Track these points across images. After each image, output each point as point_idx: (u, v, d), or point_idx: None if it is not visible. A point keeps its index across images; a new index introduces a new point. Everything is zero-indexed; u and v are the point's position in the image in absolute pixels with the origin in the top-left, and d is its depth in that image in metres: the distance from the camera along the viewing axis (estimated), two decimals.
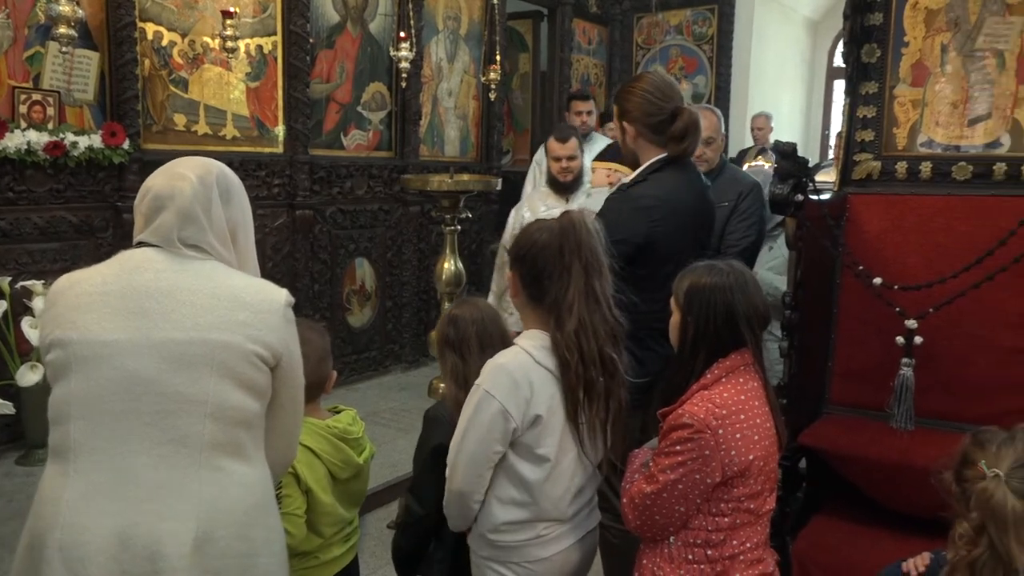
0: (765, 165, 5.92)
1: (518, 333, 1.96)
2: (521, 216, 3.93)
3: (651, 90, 2.42)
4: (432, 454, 2.01)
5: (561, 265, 1.82)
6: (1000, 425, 1.87)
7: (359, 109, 5.30)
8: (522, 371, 1.78)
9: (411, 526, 2.11)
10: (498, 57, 5.76)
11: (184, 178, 1.52)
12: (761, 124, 6.93)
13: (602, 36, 7.62)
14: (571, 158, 3.84)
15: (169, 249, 1.50)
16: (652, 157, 2.46)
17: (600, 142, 4.78)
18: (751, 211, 3.27)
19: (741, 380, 1.82)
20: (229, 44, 4.11)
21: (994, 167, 2.77)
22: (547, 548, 1.86)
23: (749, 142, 7.05)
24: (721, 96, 7.16)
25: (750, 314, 1.83)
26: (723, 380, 1.81)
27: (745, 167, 5.82)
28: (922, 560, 1.82)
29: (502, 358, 1.82)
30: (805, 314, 2.71)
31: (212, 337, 1.45)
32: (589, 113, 5.29)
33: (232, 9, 4.09)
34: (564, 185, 3.88)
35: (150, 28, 4.13)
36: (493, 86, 5.75)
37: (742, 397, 1.79)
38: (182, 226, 1.50)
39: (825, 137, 8.42)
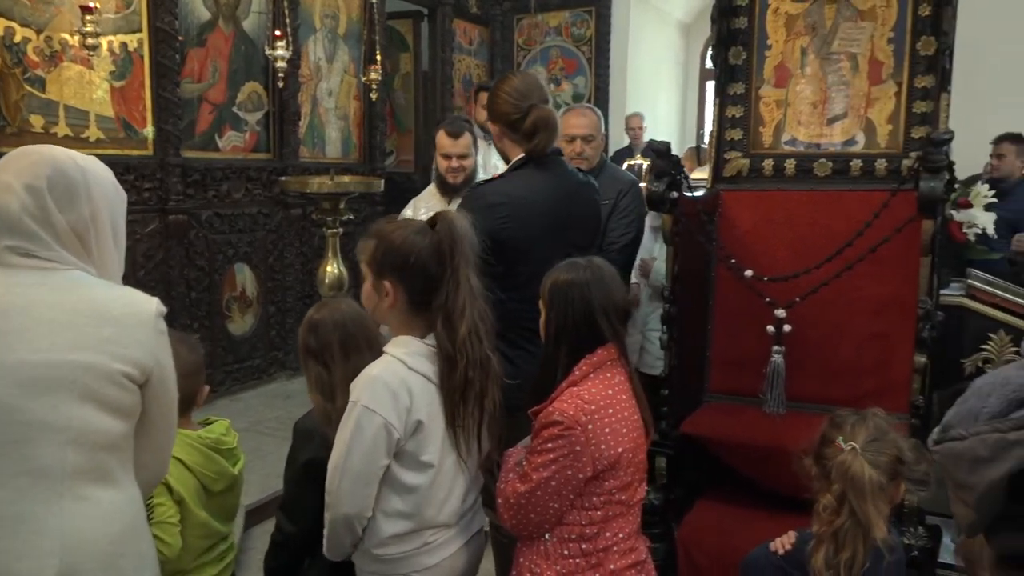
0: (645, 164, 6.09)
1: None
2: (404, 217, 3.68)
3: (509, 90, 2.45)
4: (304, 469, 1.94)
5: (451, 268, 1.80)
6: (860, 405, 2.01)
7: (234, 110, 5.12)
8: (398, 380, 1.75)
9: (282, 545, 2.01)
10: (378, 57, 5.69)
11: (9, 190, 1.36)
12: (636, 124, 7.13)
13: (483, 37, 7.66)
14: (463, 156, 3.40)
15: (17, 263, 1.36)
16: (517, 156, 2.48)
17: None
18: (630, 208, 3.35)
19: (608, 375, 1.87)
20: (90, 41, 3.88)
21: (851, 163, 2.95)
22: (435, 555, 1.84)
23: (627, 142, 7.24)
24: (600, 96, 7.32)
25: (608, 308, 1.87)
26: (591, 376, 1.85)
27: (624, 166, 5.97)
28: (788, 539, 1.91)
29: (374, 369, 1.77)
30: (683, 307, 2.81)
31: (72, 358, 1.34)
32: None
33: (92, 4, 3.87)
34: (452, 187, 3.43)
35: (0, 24, 3.86)
36: (374, 86, 5.68)
37: (610, 392, 1.84)
38: (18, 245, 1.36)
39: (700, 136, 8.76)
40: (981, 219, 3.42)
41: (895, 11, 2.87)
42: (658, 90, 8.28)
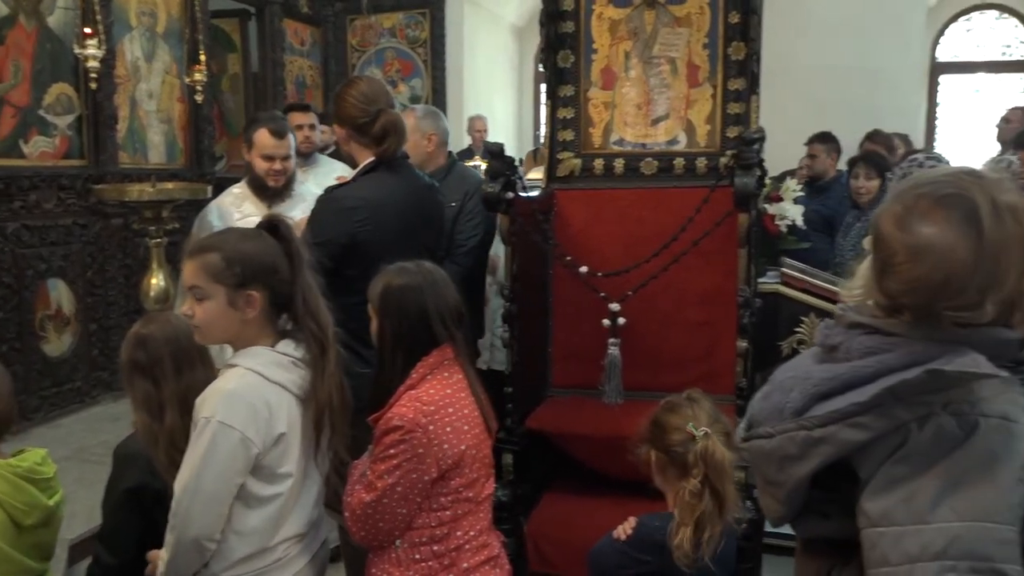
0: (483, 165, 6.14)
1: None
2: (209, 224, 3.25)
3: (357, 94, 2.48)
4: (125, 495, 1.83)
5: (298, 270, 1.76)
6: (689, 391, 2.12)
7: (41, 112, 4.71)
8: (255, 392, 1.68)
9: None
10: (202, 57, 5.42)
11: None
12: (480, 126, 7.20)
13: (315, 37, 7.47)
14: (286, 158, 3.21)
15: None
16: (366, 159, 2.50)
17: (326, 166, 4.03)
18: (477, 211, 3.34)
19: (446, 374, 1.88)
20: None
21: (674, 162, 3.11)
22: (286, 570, 1.78)
23: (467, 143, 7.29)
24: (437, 99, 7.33)
25: (443, 312, 1.89)
26: (428, 378, 1.86)
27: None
28: (628, 525, 1.97)
29: (228, 383, 1.69)
30: (523, 304, 2.86)
31: None
32: (312, 127, 4.17)
33: None
34: (272, 190, 3.21)
35: None
36: (199, 87, 5.40)
37: (448, 391, 1.85)
38: None
39: (536, 138, 8.95)
40: (791, 212, 3.69)
41: (708, 18, 3.05)
42: (494, 92, 8.40)
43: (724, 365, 2.79)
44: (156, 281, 3.93)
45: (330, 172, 3.63)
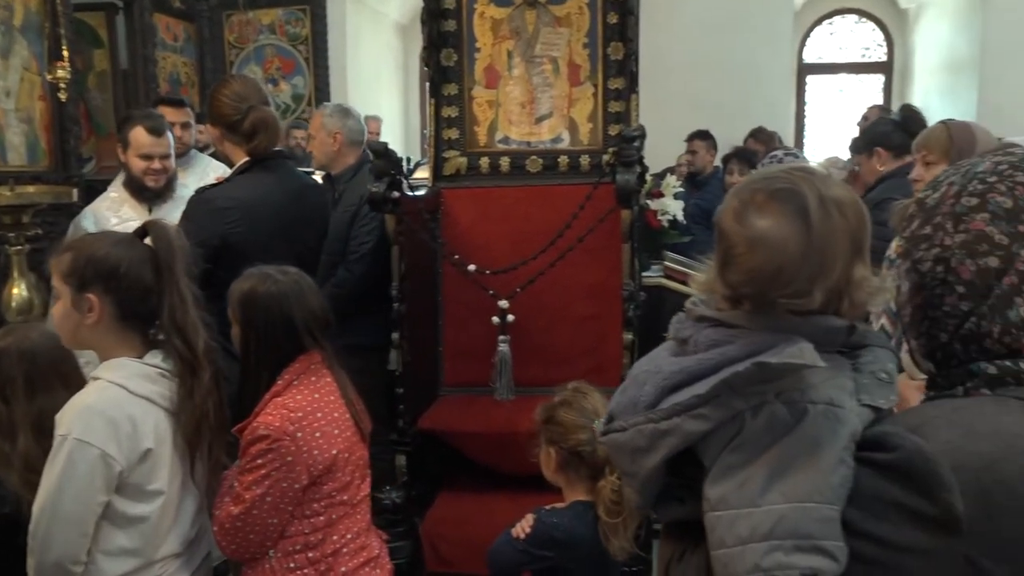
0: None
1: None
2: (83, 231, 3.02)
3: (229, 93, 2.46)
4: None
5: (170, 279, 1.68)
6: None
7: None
8: (117, 407, 1.60)
9: None
10: (65, 52, 5.10)
11: None
12: (375, 128, 7.09)
13: (190, 33, 7.17)
14: (165, 157, 3.04)
15: None
16: (240, 159, 2.46)
17: (201, 164, 3.74)
18: (372, 215, 3.26)
19: (313, 379, 1.86)
20: None
21: (559, 160, 3.16)
22: None
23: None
24: (321, 98, 7.16)
25: (308, 321, 1.86)
26: (295, 384, 1.83)
27: None
28: (527, 523, 1.97)
29: (86, 398, 1.61)
30: (413, 304, 2.84)
31: None
32: (185, 126, 3.81)
33: None
34: (152, 192, 3.04)
35: None
36: (62, 85, 5.07)
37: (316, 396, 1.83)
38: None
39: (424, 136, 8.90)
40: (672, 207, 3.82)
41: (588, 18, 3.11)
42: (380, 91, 8.29)
43: (612, 358, 2.85)
44: (18, 291, 3.69)
45: (208, 171, 3.47)
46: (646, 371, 0.97)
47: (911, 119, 3.20)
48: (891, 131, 3.26)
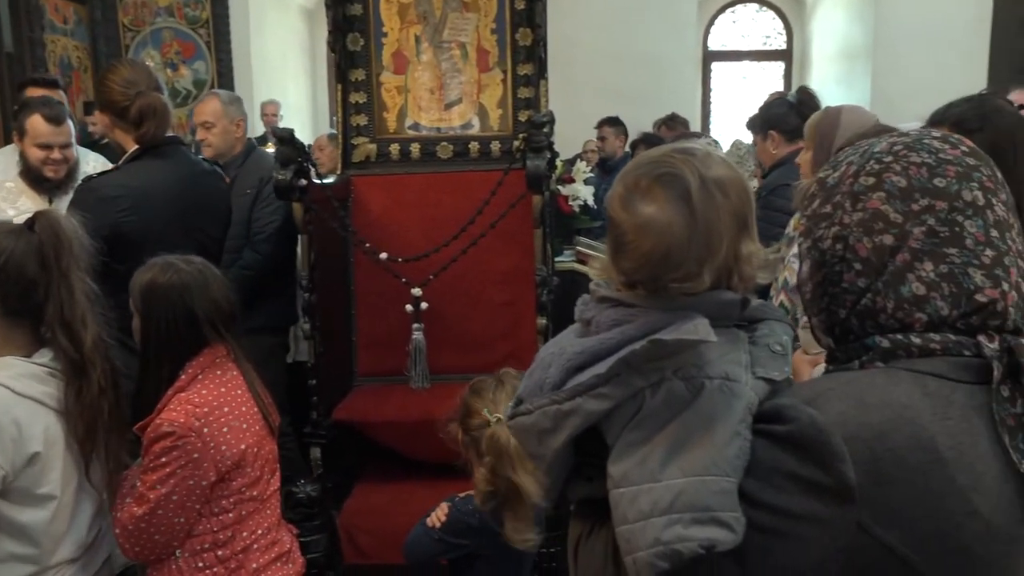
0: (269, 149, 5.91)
1: None
2: None
3: (117, 79, 2.38)
4: None
5: (59, 272, 1.61)
6: (497, 369, 2.15)
7: None
8: (1, 409, 1.53)
9: None
10: None
11: None
12: (271, 111, 6.91)
13: (81, 15, 6.83)
14: (66, 146, 2.95)
15: None
16: (133, 146, 2.37)
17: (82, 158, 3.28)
18: (273, 196, 3.22)
19: (219, 373, 1.81)
20: None
21: (470, 146, 3.15)
22: None
23: (261, 129, 6.98)
24: (224, 83, 6.94)
25: (212, 314, 1.81)
26: (200, 378, 1.77)
27: None
28: (441, 512, 1.96)
29: None
30: (324, 294, 2.79)
31: None
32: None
33: None
34: (51, 182, 2.95)
35: None
36: None
37: (223, 390, 1.78)
38: None
39: (332, 123, 8.73)
40: (583, 192, 3.86)
41: (495, 4, 3.10)
42: (287, 77, 8.09)
43: (527, 343, 2.87)
44: None
45: (89, 160, 3.25)
46: (551, 353, 0.97)
47: (805, 103, 3.20)
48: (785, 113, 3.24)
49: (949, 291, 0.88)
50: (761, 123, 3.35)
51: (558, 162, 3.35)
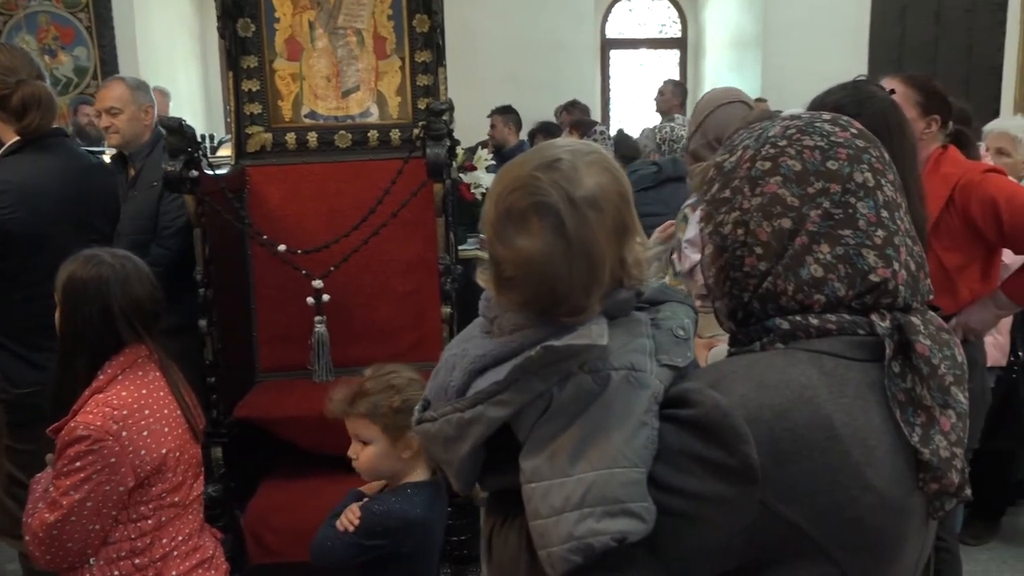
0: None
1: None
2: None
3: None
4: None
5: None
6: (404, 360, 2.14)
7: None
8: None
9: None
10: None
11: None
12: (162, 101, 6.63)
13: None
14: None
15: None
16: (12, 138, 2.24)
17: None
18: None
19: (140, 374, 1.74)
20: None
21: (369, 134, 3.10)
22: None
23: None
24: (108, 71, 6.60)
25: (130, 311, 1.73)
26: (119, 379, 1.70)
27: None
28: (353, 515, 1.88)
29: None
30: (222, 289, 2.70)
31: None
32: None
33: None
34: None
35: None
36: None
37: (143, 392, 1.72)
38: None
39: (227, 112, 8.44)
40: (485, 180, 3.86)
41: None
42: (176, 64, 7.77)
43: (432, 332, 2.86)
44: None
45: None
46: (455, 355, 0.95)
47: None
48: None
49: (845, 272, 0.90)
50: None
51: (459, 150, 3.34)
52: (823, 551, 0.85)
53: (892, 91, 2.09)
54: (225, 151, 4.57)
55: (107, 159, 3.38)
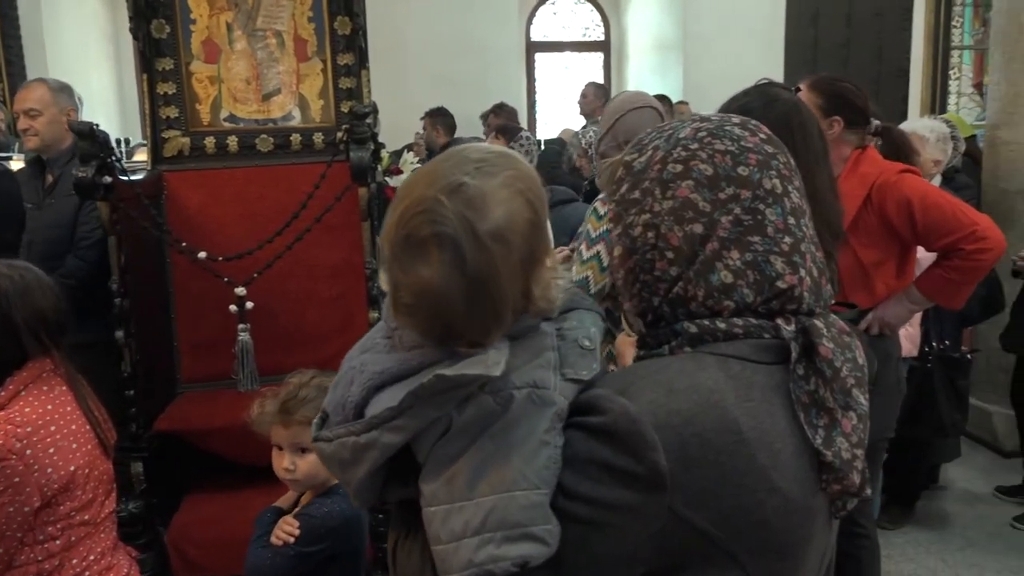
0: None
1: None
2: None
3: None
4: None
5: None
6: (332, 366, 2.10)
7: None
8: None
9: None
10: None
11: None
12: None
13: None
14: None
15: None
16: None
17: None
18: None
19: (45, 388, 1.67)
20: None
21: (291, 138, 3.05)
22: None
23: None
24: (15, 72, 6.30)
25: (34, 323, 1.67)
26: (23, 395, 1.64)
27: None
28: (290, 528, 1.84)
29: None
30: (138, 299, 2.62)
31: None
32: None
33: None
34: None
35: None
36: None
37: (49, 407, 1.65)
38: None
39: (143, 115, 8.16)
40: None
41: None
42: (88, 65, 7.48)
43: (359, 337, 2.81)
44: None
45: None
46: (353, 368, 0.92)
47: None
48: None
49: (754, 279, 0.90)
50: None
51: (385, 153, 3.31)
52: (730, 555, 0.85)
53: (798, 89, 2.16)
54: (141, 156, 4.42)
55: (15, 165, 3.24)
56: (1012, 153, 3.96)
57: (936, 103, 7.28)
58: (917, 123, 3.59)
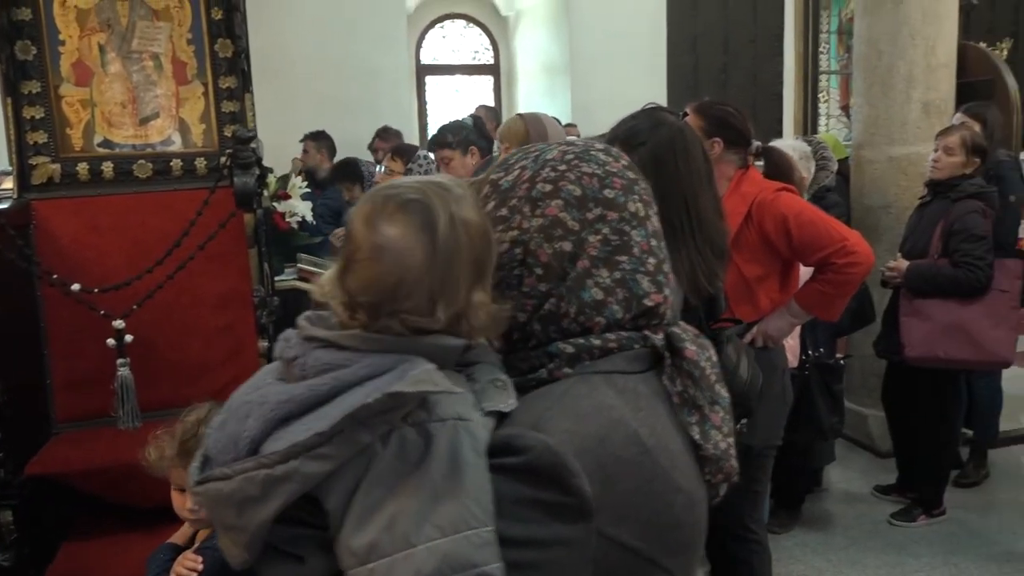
0: None
1: None
2: None
3: None
4: None
5: None
6: (222, 397, 2.02)
7: None
8: None
9: None
10: None
11: None
12: None
13: None
14: None
15: None
16: None
17: None
18: None
19: None
20: None
21: (172, 163, 2.94)
22: None
23: None
24: None
25: None
26: None
27: None
28: (193, 562, 1.73)
29: None
30: (6, 336, 2.46)
31: None
32: None
33: None
34: None
35: None
36: None
37: None
38: None
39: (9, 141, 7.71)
40: (300, 208, 3.76)
41: (189, 12, 2.92)
42: None
43: (250, 368, 2.66)
44: None
45: None
46: (248, 402, 0.86)
47: (479, 121, 3.50)
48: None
49: (623, 296, 0.94)
50: (460, 140, 3.57)
51: (272, 177, 3.24)
52: (655, 563, 0.88)
53: (686, 114, 2.25)
54: (7, 184, 4.17)
55: None
56: (875, 171, 4.23)
57: (808, 124, 7.69)
58: (781, 143, 3.77)
